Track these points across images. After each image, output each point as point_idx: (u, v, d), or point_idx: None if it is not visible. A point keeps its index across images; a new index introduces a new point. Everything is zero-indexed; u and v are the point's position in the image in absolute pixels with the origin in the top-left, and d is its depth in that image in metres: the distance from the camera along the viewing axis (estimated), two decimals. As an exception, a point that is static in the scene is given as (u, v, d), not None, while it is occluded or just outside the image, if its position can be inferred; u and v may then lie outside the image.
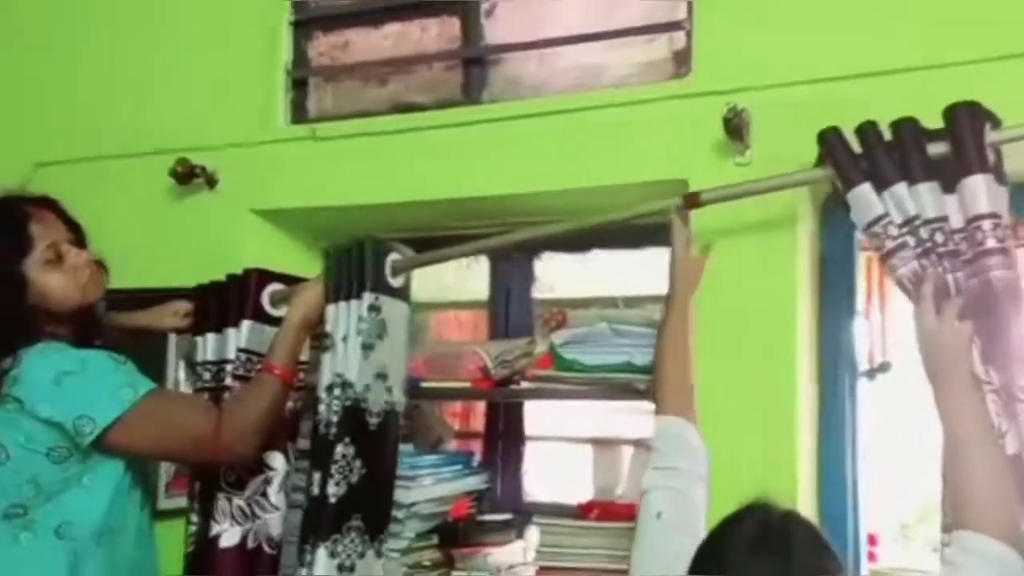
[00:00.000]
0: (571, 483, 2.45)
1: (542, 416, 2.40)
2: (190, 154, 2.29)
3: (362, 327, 1.79)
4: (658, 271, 2.23)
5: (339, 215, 2.28)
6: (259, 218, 2.33)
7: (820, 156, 1.62)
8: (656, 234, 2.14)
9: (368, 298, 1.81)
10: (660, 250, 2.17)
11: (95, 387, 1.63)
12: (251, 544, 1.89)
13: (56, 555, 1.62)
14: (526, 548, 2.08)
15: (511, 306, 2.34)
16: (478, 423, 2.49)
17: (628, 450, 2.40)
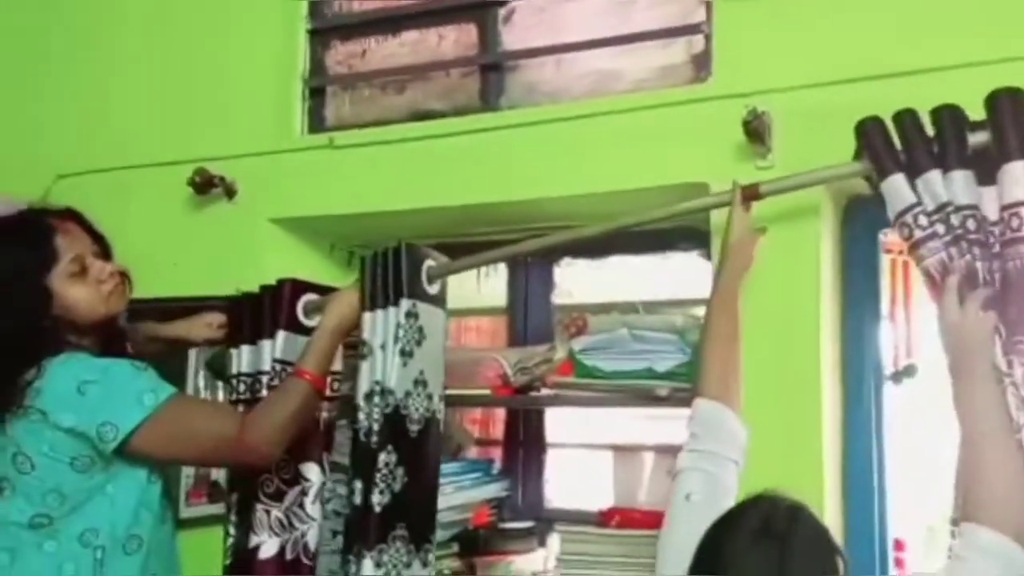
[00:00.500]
0: (592, 490, 2.44)
1: (562, 423, 2.39)
2: (208, 164, 2.30)
3: (400, 334, 1.79)
4: (678, 276, 2.24)
5: (357, 223, 2.28)
6: (277, 227, 2.33)
7: (857, 149, 1.60)
8: (676, 239, 2.15)
9: (406, 305, 1.81)
10: (680, 255, 2.17)
11: (117, 394, 1.63)
12: (290, 555, 1.89)
13: (81, 563, 1.63)
14: (547, 556, 2.07)
15: (530, 312, 2.34)
16: (498, 430, 2.49)
17: (649, 457, 2.39)
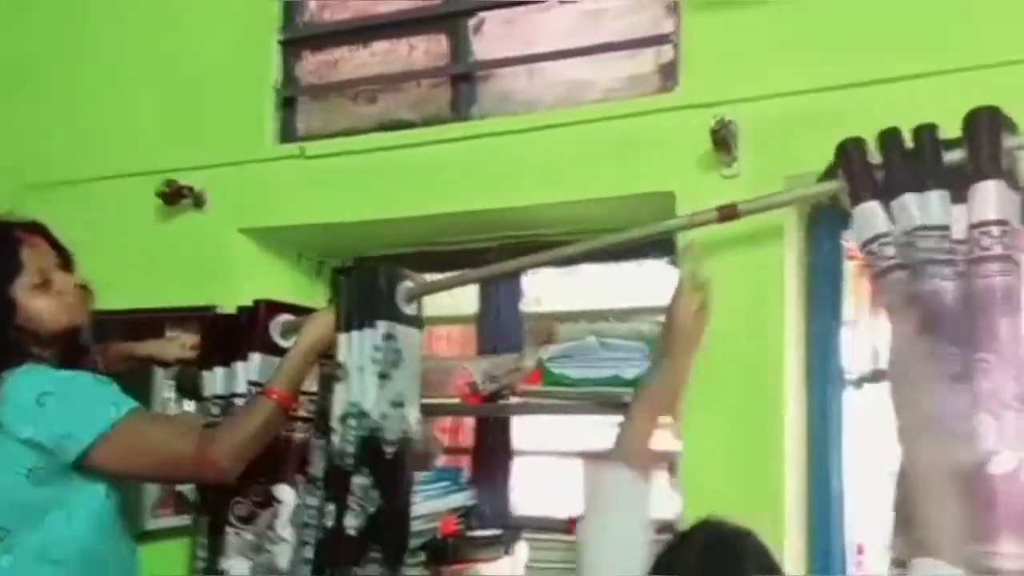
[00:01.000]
0: (560, 498, 2.44)
1: (532, 431, 2.39)
2: (178, 174, 2.30)
3: (377, 356, 1.79)
4: (647, 284, 2.25)
5: (328, 233, 2.28)
6: (247, 237, 2.33)
7: (831, 166, 1.62)
8: (644, 247, 2.15)
9: (383, 327, 1.81)
10: (648, 262, 2.19)
11: (78, 407, 1.63)
12: None
13: None
14: (515, 563, 2.07)
15: (500, 321, 2.34)
16: (467, 439, 2.49)
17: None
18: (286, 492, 1.90)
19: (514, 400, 2.03)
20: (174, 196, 2.28)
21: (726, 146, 1.80)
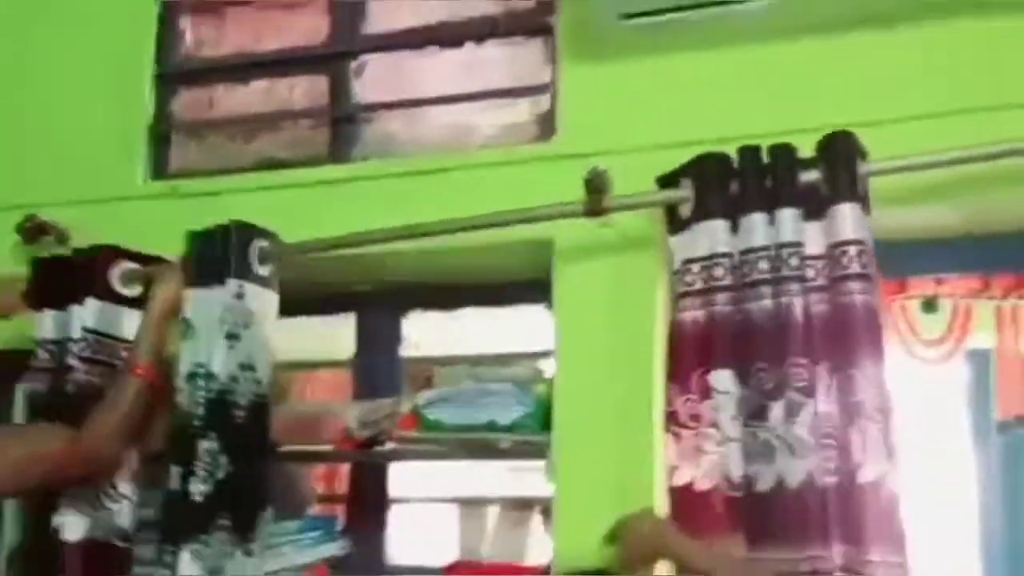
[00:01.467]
0: (437, 544, 2.42)
1: (409, 477, 2.37)
2: (43, 210, 2.20)
3: (227, 316, 1.75)
4: (525, 329, 2.27)
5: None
6: (114, 276, 2.24)
7: (676, 172, 1.68)
8: (521, 292, 2.17)
9: (233, 285, 1.77)
10: (529, 307, 2.21)
11: None
12: (100, 537, 1.79)
13: None
14: (390, 614, 2.03)
15: (378, 365, 2.31)
16: (343, 486, 2.44)
17: (494, 509, 2.39)
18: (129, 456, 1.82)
19: (389, 446, 1.99)
20: (35, 232, 2.17)
21: (600, 196, 1.83)
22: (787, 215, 1.59)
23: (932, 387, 3.81)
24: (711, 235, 1.62)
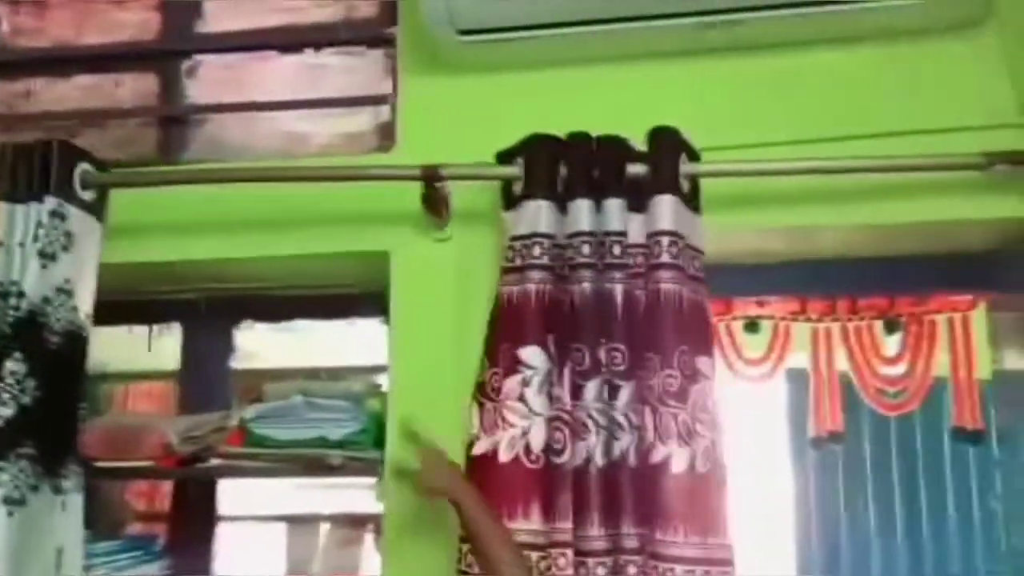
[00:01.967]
0: (264, 563, 2.34)
1: (236, 494, 2.28)
2: None
3: (40, 233, 1.67)
4: (361, 342, 2.23)
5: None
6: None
7: (509, 151, 1.72)
8: (358, 305, 2.14)
9: (51, 202, 1.69)
10: (364, 321, 2.17)
11: None
12: None
13: None
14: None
15: (206, 377, 2.22)
16: (165, 503, 2.32)
17: (324, 526, 2.34)
18: None
19: (214, 463, 1.91)
20: None
21: (436, 209, 1.83)
22: (613, 204, 1.66)
23: (754, 404, 4.00)
24: (534, 214, 1.66)
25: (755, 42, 1.82)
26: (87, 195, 1.77)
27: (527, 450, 1.58)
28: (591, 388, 1.60)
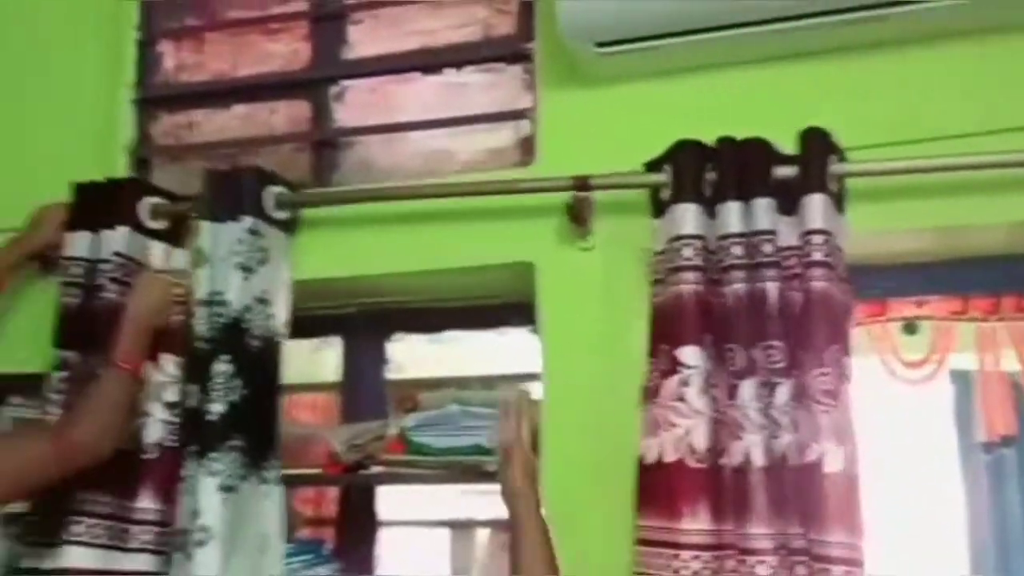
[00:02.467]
0: (427, 567, 2.42)
1: (397, 500, 2.37)
2: (22, 234, 2.19)
3: (240, 249, 1.85)
4: (509, 351, 2.29)
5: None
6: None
7: (657, 160, 1.74)
8: (506, 315, 2.19)
9: (247, 222, 1.87)
10: (510, 331, 2.23)
11: None
12: (124, 447, 1.84)
13: None
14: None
15: (364, 388, 2.32)
16: (330, 509, 2.44)
17: (484, 532, 2.39)
18: (149, 369, 1.89)
19: (376, 469, 2.00)
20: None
21: (581, 220, 1.86)
22: (761, 204, 1.65)
23: (917, 407, 3.85)
24: (685, 218, 1.68)
25: (901, 37, 1.77)
26: (280, 214, 1.95)
27: (691, 450, 1.60)
28: (746, 388, 1.61)
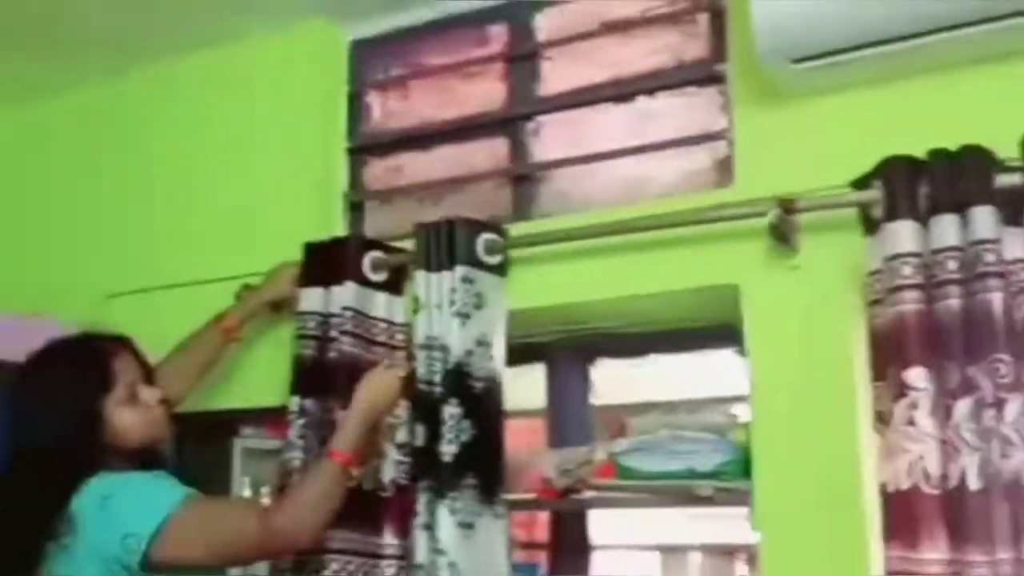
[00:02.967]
0: (639, 591, 2.43)
1: (606, 524, 2.40)
2: (255, 279, 2.38)
3: (456, 297, 1.96)
4: (713, 374, 2.28)
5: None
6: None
7: (865, 176, 1.70)
8: (710, 337, 2.19)
9: (460, 271, 1.98)
10: (714, 353, 2.22)
11: (136, 502, 1.64)
12: (367, 486, 1.97)
13: None
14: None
15: (568, 414, 2.37)
16: (541, 533, 2.49)
17: (696, 556, 2.38)
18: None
19: (588, 494, 2.04)
20: (252, 298, 2.35)
21: (786, 238, 1.84)
22: (982, 213, 1.59)
23: None
24: (900, 235, 1.63)
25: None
26: (491, 259, 2.05)
27: (925, 475, 1.54)
28: (961, 407, 1.54)
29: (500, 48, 2.41)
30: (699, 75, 2.14)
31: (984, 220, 1.59)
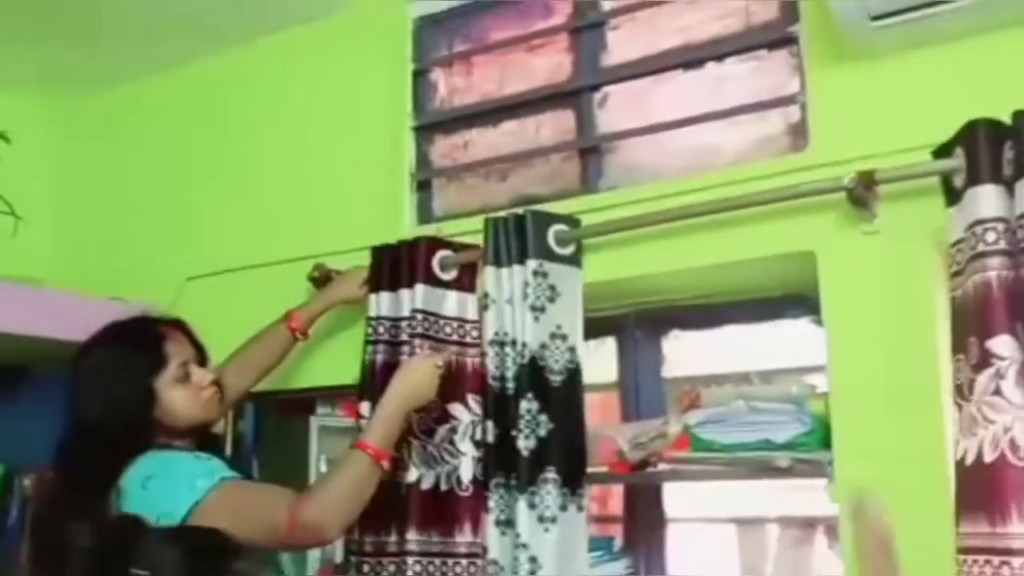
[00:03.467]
0: (716, 564, 2.41)
1: (681, 497, 2.38)
2: (327, 259, 2.41)
3: (528, 291, 1.94)
4: (788, 344, 2.23)
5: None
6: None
7: (947, 143, 1.65)
8: (785, 306, 2.15)
9: (532, 264, 1.96)
10: (789, 322, 2.17)
11: (174, 483, 1.67)
12: (444, 487, 1.99)
13: None
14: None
15: (641, 387, 2.35)
16: (615, 507, 2.48)
17: (774, 528, 2.35)
18: (459, 410, 2.01)
19: (663, 467, 2.02)
20: (324, 281, 2.38)
21: (864, 203, 1.78)
22: None
23: None
24: (983, 200, 1.57)
25: None
26: (564, 251, 2.02)
27: (1012, 446, 1.48)
28: None
29: (564, 19, 2.38)
30: (771, 38, 2.08)
31: None
